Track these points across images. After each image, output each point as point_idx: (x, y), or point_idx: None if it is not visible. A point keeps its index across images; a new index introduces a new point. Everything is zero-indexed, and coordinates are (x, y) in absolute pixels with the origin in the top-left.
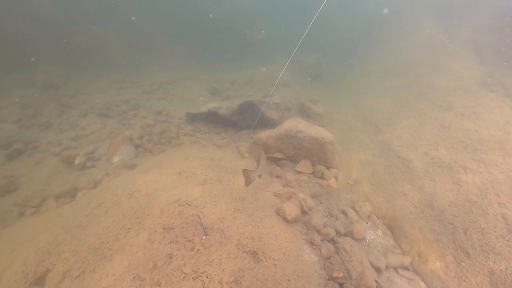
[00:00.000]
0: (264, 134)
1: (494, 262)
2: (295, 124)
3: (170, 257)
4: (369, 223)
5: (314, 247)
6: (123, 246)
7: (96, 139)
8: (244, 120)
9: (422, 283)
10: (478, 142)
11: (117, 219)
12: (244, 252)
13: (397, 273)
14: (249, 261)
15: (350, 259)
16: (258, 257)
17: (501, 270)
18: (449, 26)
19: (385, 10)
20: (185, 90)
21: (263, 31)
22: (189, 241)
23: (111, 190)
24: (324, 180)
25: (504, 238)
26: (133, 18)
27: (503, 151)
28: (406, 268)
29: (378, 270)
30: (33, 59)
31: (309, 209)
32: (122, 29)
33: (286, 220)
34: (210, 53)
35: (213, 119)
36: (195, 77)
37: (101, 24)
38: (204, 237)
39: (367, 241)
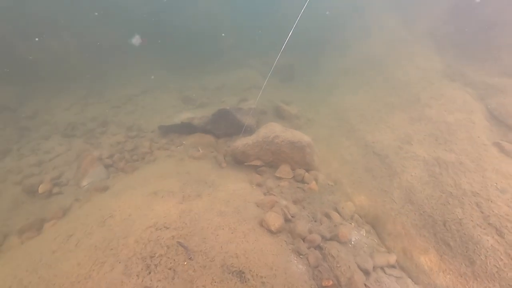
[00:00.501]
0: (241, 142)
1: (474, 251)
2: (271, 129)
3: None
4: (353, 224)
5: (301, 256)
6: (97, 284)
7: (62, 163)
8: (220, 128)
9: (409, 280)
10: (447, 133)
11: (89, 252)
12: (229, 273)
13: (385, 272)
14: (236, 282)
15: (338, 265)
16: (245, 277)
17: (481, 259)
18: (410, 20)
19: (349, 8)
20: (156, 101)
21: (223, 34)
22: (169, 269)
23: (81, 219)
24: (305, 184)
25: (480, 227)
26: (92, 28)
27: (471, 140)
28: (393, 266)
29: (366, 273)
30: None
31: (292, 216)
32: (81, 41)
33: (270, 231)
34: (179, 60)
35: (188, 130)
36: (166, 86)
37: (56, 37)
38: (186, 263)
39: (353, 242)
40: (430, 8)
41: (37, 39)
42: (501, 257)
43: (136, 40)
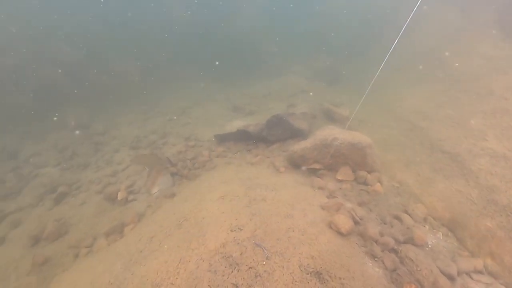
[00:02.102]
0: (299, 146)
1: None
2: (329, 132)
3: (236, 287)
4: (427, 226)
5: (375, 259)
6: (186, 280)
7: (133, 172)
8: (274, 134)
9: (502, 287)
10: None
11: (173, 252)
12: (308, 274)
13: (472, 278)
14: (315, 282)
15: (418, 269)
16: (323, 277)
17: None
18: (470, 9)
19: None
20: (207, 112)
21: (274, 46)
22: (250, 268)
23: (159, 222)
24: (369, 186)
25: None
26: (147, 49)
27: None
28: (480, 272)
29: (450, 278)
30: (61, 102)
31: (360, 219)
32: (139, 63)
33: (340, 233)
34: (225, 71)
35: (242, 137)
36: (214, 97)
37: (119, 60)
38: (264, 262)
39: (430, 246)
40: None
41: (111, 65)
42: None
43: None
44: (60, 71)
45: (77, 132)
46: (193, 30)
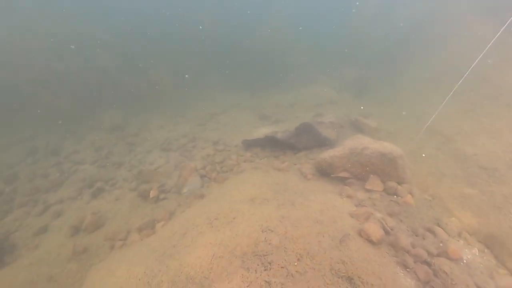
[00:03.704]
0: (328, 154)
1: None
2: (359, 141)
3: (269, 284)
4: (461, 241)
5: (407, 270)
6: (219, 275)
7: (164, 173)
8: (302, 142)
9: None
10: None
11: (206, 248)
12: (339, 278)
13: None
14: (347, 286)
15: (454, 282)
16: (354, 282)
17: None
18: (504, 21)
19: (431, 14)
20: (235, 119)
21: (304, 58)
22: (282, 267)
23: (191, 220)
24: (399, 197)
25: None
26: (178, 57)
27: None
28: None
29: None
30: (100, 105)
31: (391, 229)
32: (172, 70)
33: (371, 241)
34: (253, 80)
35: (270, 144)
36: (242, 105)
37: (155, 70)
38: (296, 263)
39: (465, 261)
40: None
41: (148, 71)
42: None
43: None
44: (100, 77)
45: (113, 133)
46: (223, 41)
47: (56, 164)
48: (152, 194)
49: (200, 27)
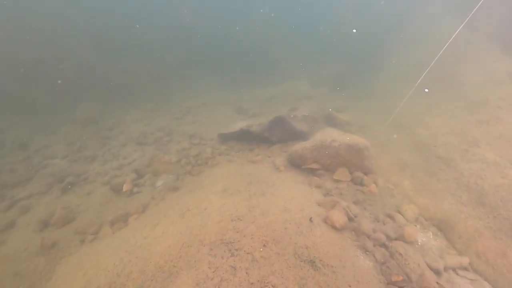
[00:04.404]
0: (300, 146)
1: None
2: (329, 134)
3: (235, 269)
4: (418, 226)
5: (367, 252)
6: (187, 262)
7: (138, 166)
8: (276, 135)
9: (486, 283)
10: None
11: (176, 238)
12: (302, 261)
13: (457, 274)
14: (308, 269)
15: (407, 262)
16: (315, 265)
17: None
18: (472, 21)
19: (404, 12)
20: (213, 112)
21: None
22: (248, 253)
23: (162, 212)
24: (364, 186)
25: None
26: (158, 49)
27: None
28: (466, 269)
29: (437, 272)
30: (73, 98)
31: (354, 216)
32: (148, 63)
33: (334, 227)
34: (232, 74)
35: (245, 137)
36: (220, 99)
37: (130, 61)
38: (261, 249)
39: (420, 243)
40: (496, 9)
41: (120, 65)
42: None
43: None
44: (74, 68)
45: (86, 126)
46: (203, 33)
47: (25, 159)
48: (126, 187)
49: (187, 20)
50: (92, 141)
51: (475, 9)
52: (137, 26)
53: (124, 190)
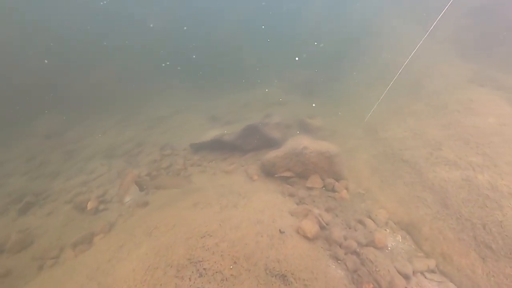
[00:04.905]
0: (272, 155)
1: None
2: (299, 141)
3: None
4: (388, 230)
5: (339, 261)
6: (153, 287)
7: (105, 181)
8: (249, 143)
9: (451, 284)
10: (479, 136)
11: (141, 260)
12: (273, 276)
13: (425, 277)
14: (279, 284)
15: (377, 269)
16: (287, 279)
17: None
18: (432, 28)
19: (367, 20)
20: (185, 121)
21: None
22: (217, 272)
23: (129, 231)
24: (336, 193)
25: None
26: (126, 58)
27: (504, 141)
28: (433, 271)
29: (406, 277)
30: (33, 109)
31: (326, 224)
32: (116, 72)
33: (307, 238)
34: (204, 82)
35: (218, 146)
36: (193, 107)
37: (97, 70)
38: (231, 267)
39: (389, 248)
40: (452, 16)
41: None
42: None
43: None
44: (35, 79)
45: (49, 140)
46: (176, 42)
47: None
48: (91, 205)
49: (151, 25)
50: (55, 156)
51: (436, 20)
52: (104, 43)
53: (88, 208)
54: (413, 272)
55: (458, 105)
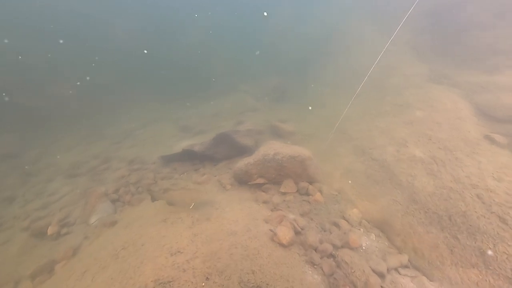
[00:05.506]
0: (243, 162)
1: (482, 241)
2: (271, 147)
3: None
4: (362, 229)
5: (315, 266)
6: None
7: (68, 203)
8: (220, 152)
9: (424, 278)
10: (440, 132)
11: (107, 285)
12: None
13: (399, 273)
14: None
15: (352, 270)
16: None
17: (490, 248)
18: (390, 31)
19: (332, 27)
20: (155, 133)
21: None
22: None
23: (93, 254)
24: (310, 196)
25: (484, 217)
26: (89, 71)
27: (463, 136)
28: (406, 266)
29: (381, 275)
30: None
31: (302, 229)
32: (79, 85)
33: (282, 245)
34: (174, 91)
35: (189, 157)
36: (163, 118)
37: (56, 84)
38: (203, 284)
39: (364, 247)
40: (408, 19)
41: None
42: (509, 243)
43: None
44: None
45: (3, 162)
46: (143, 52)
47: None
48: (51, 230)
49: (121, 39)
50: (11, 179)
51: (400, 24)
52: (64, 55)
53: (49, 233)
54: (388, 269)
55: (420, 103)
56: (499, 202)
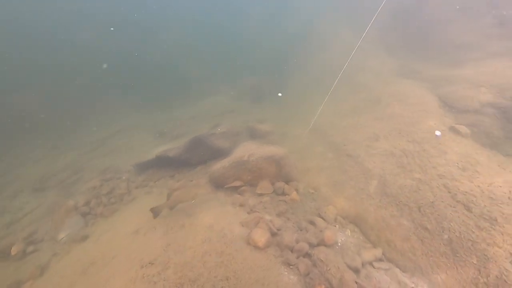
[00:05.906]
0: (219, 166)
1: (449, 230)
2: (245, 149)
3: None
4: (337, 226)
5: (291, 267)
6: None
7: (35, 219)
8: (195, 156)
9: (397, 270)
10: (408, 125)
11: None
12: None
13: (373, 267)
14: None
15: (328, 268)
16: None
17: (457, 236)
18: (361, 29)
19: (305, 27)
20: (130, 140)
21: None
22: None
23: (60, 272)
24: (287, 195)
25: (450, 206)
26: (57, 79)
27: (430, 128)
28: (380, 260)
29: (355, 270)
30: None
31: (278, 229)
32: (45, 92)
33: (257, 248)
34: (149, 97)
35: (164, 163)
36: (139, 124)
37: (21, 93)
38: None
39: (339, 244)
40: (378, 17)
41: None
42: (473, 230)
43: None
44: None
45: None
46: (116, 55)
47: None
48: (15, 250)
49: (93, 44)
50: None
51: (371, 23)
52: (29, 61)
53: (13, 253)
54: (362, 264)
55: (389, 97)
56: (463, 191)
